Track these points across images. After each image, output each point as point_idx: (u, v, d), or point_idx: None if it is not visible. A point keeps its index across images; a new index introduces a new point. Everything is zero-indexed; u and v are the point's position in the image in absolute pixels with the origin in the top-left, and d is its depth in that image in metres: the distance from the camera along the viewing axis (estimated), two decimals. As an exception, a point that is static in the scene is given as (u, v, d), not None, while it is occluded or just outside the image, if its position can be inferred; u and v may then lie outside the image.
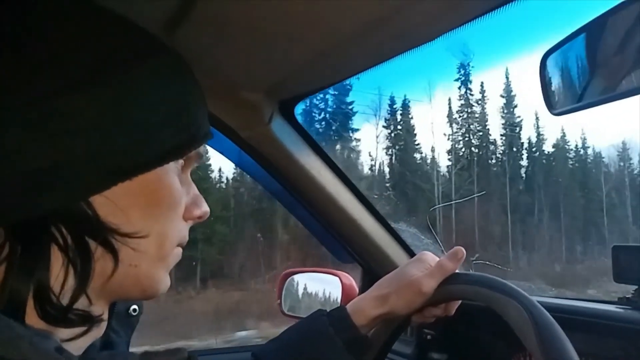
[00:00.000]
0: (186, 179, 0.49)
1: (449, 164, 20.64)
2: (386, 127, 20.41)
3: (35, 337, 0.35)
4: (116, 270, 0.42)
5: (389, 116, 20.58)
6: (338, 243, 1.22)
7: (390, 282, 0.77)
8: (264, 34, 0.68)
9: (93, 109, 0.38)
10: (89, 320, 0.40)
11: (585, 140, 22.22)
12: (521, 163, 21.56)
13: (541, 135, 22.14)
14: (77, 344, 0.41)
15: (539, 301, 0.66)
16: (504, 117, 21.81)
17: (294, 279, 1.39)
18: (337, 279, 1.26)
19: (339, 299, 1.24)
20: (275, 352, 0.75)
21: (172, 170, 0.45)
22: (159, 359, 0.41)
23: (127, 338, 0.53)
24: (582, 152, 22.33)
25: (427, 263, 0.77)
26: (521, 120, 21.91)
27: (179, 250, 0.49)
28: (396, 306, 0.74)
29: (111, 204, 0.40)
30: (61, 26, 0.39)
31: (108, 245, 0.41)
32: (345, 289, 1.23)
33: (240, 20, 0.65)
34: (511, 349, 0.90)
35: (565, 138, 22.06)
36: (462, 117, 21.80)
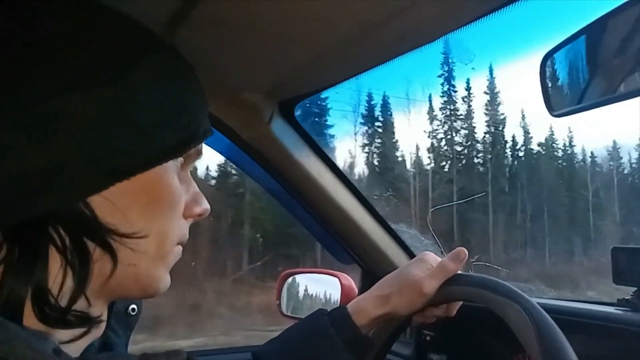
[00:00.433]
0: (186, 176, 0.49)
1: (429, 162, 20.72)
2: (363, 124, 20.43)
3: (33, 338, 0.35)
4: (115, 271, 0.41)
5: (366, 113, 20.59)
6: (338, 244, 1.22)
7: (391, 282, 0.77)
8: (264, 35, 0.68)
9: (91, 109, 0.38)
10: (87, 322, 0.40)
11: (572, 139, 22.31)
12: (505, 162, 21.62)
13: (528, 134, 22.24)
14: (76, 344, 0.41)
15: (539, 303, 0.66)
16: (487, 114, 21.87)
17: (293, 280, 1.39)
18: (337, 279, 1.26)
19: (338, 299, 1.24)
20: (275, 352, 0.75)
21: (171, 169, 0.45)
22: None
23: (125, 338, 0.53)
24: (569, 150, 22.43)
25: (428, 263, 0.77)
26: (504, 118, 21.98)
27: (179, 248, 0.49)
28: (397, 306, 0.74)
29: (110, 204, 0.40)
30: (61, 25, 0.39)
31: (106, 245, 0.41)
32: (344, 289, 1.23)
33: (241, 21, 0.65)
34: (510, 351, 0.90)
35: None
36: (445, 114, 21.87)
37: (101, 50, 0.40)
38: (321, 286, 1.34)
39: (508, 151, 22.06)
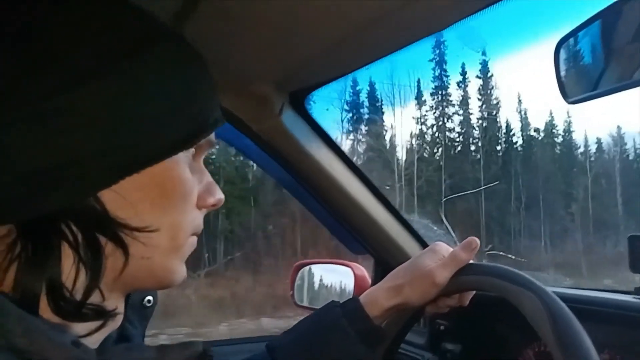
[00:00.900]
0: (198, 166, 0.49)
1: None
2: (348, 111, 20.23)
3: (52, 331, 0.35)
4: (127, 265, 0.42)
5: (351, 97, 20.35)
6: (350, 234, 1.22)
7: (404, 273, 0.76)
8: (273, 26, 0.68)
9: (95, 104, 0.38)
10: (103, 315, 0.40)
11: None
12: (497, 148, 21.35)
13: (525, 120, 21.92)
14: (93, 336, 0.41)
15: (554, 292, 0.66)
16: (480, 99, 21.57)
17: (306, 270, 1.39)
18: (350, 270, 1.26)
19: (352, 289, 1.24)
20: (289, 344, 0.75)
21: (181, 161, 0.44)
22: (173, 351, 0.41)
23: (142, 329, 0.53)
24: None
25: (440, 254, 0.77)
26: (498, 104, 21.66)
27: (194, 239, 0.48)
28: (410, 297, 0.74)
29: (120, 198, 0.40)
30: (63, 20, 0.39)
31: (118, 240, 0.40)
32: (357, 279, 1.23)
33: (249, 12, 0.65)
34: (526, 340, 0.90)
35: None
36: (436, 99, 21.60)
37: (104, 43, 0.39)
38: (334, 276, 1.35)
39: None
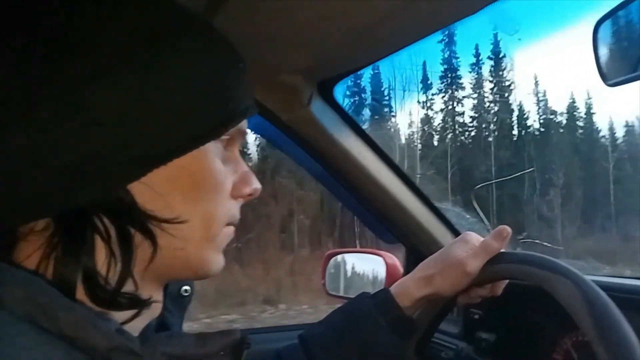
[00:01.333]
0: (232, 156, 0.48)
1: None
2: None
3: (98, 319, 0.36)
4: (156, 256, 0.42)
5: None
6: (381, 223, 1.22)
7: (434, 263, 0.76)
8: (300, 15, 0.68)
9: (116, 98, 0.38)
10: (137, 303, 0.41)
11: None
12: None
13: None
14: (134, 324, 0.42)
15: (592, 280, 0.64)
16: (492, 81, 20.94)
17: (337, 259, 1.40)
18: (381, 259, 1.26)
19: (383, 278, 1.24)
20: (321, 335, 0.75)
21: (211, 151, 0.44)
22: (213, 339, 0.42)
23: (180, 318, 0.54)
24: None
25: (471, 243, 0.75)
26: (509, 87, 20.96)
27: (230, 229, 0.48)
28: (441, 287, 0.73)
29: (150, 190, 0.40)
30: (83, 14, 0.39)
31: (146, 231, 0.41)
32: (389, 268, 1.23)
33: (277, 3, 0.65)
34: (563, 329, 0.88)
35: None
36: (445, 83, 21.12)
37: (125, 36, 0.39)
38: (365, 265, 1.35)
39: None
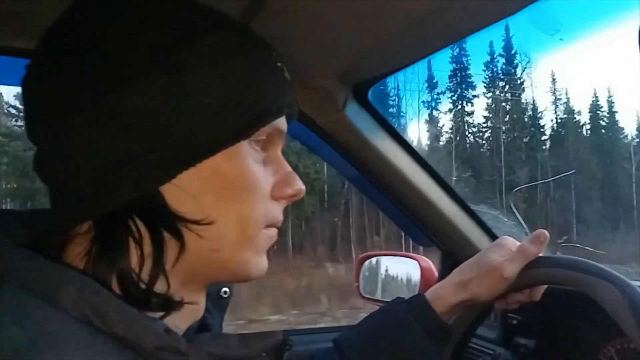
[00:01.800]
0: (274, 157, 0.48)
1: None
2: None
3: (147, 319, 0.37)
4: (182, 256, 0.42)
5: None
6: (416, 227, 1.21)
7: (470, 268, 0.74)
8: (336, 19, 0.68)
9: (144, 102, 0.39)
10: (169, 304, 0.42)
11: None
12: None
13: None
14: (177, 325, 0.43)
15: (638, 285, 0.62)
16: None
17: (371, 262, 1.39)
18: (416, 262, 1.25)
19: (418, 282, 1.23)
20: (355, 339, 0.74)
21: (244, 151, 0.43)
22: (255, 341, 0.42)
23: (220, 319, 0.55)
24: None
25: (507, 248, 0.74)
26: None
27: (271, 231, 0.48)
28: (477, 292, 0.72)
29: (182, 192, 0.41)
30: (114, 21, 0.40)
31: (175, 232, 0.41)
32: (424, 272, 1.22)
33: (313, 8, 0.66)
34: (607, 335, 0.85)
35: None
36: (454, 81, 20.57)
37: (157, 39, 0.40)
38: (400, 269, 1.34)
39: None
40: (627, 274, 0.66)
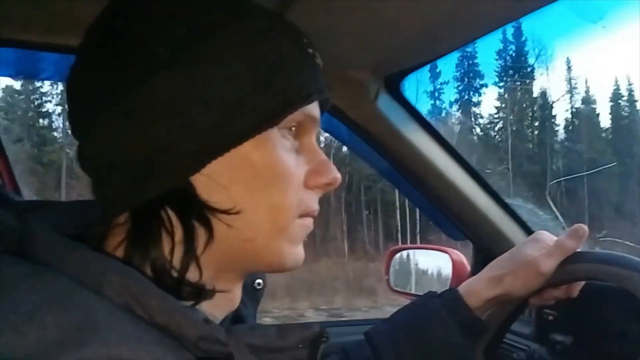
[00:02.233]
0: (308, 145, 0.47)
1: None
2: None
3: (187, 309, 0.38)
4: (210, 245, 0.42)
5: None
6: (448, 220, 1.19)
7: (505, 263, 0.73)
8: (369, 11, 0.68)
9: (170, 93, 0.39)
10: (201, 293, 0.42)
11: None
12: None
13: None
14: (214, 315, 0.43)
15: None
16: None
17: (402, 255, 1.39)
18: (447, 255, 1.23)
19: (449, 275, 1.21)
20: (387, 334, 0.74)
21: (274, 139, 0.43)
22: (293, 332, 0.42)
23: (254, 310, 0.56)
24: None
25: (544, 242, 0.72)
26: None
27: (307, 220, 0.47)
28: (512, 287, 0.71)
29: (212, 181, 0.41)
30: (140, 14, 0.41)
31: (204, 222, 0.41)
32: (455, 265, 1.20)
33: (346, 0, 0.66)
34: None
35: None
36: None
37: (183, 30, 0.40)
38: (431, 262, 1.33)
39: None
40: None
